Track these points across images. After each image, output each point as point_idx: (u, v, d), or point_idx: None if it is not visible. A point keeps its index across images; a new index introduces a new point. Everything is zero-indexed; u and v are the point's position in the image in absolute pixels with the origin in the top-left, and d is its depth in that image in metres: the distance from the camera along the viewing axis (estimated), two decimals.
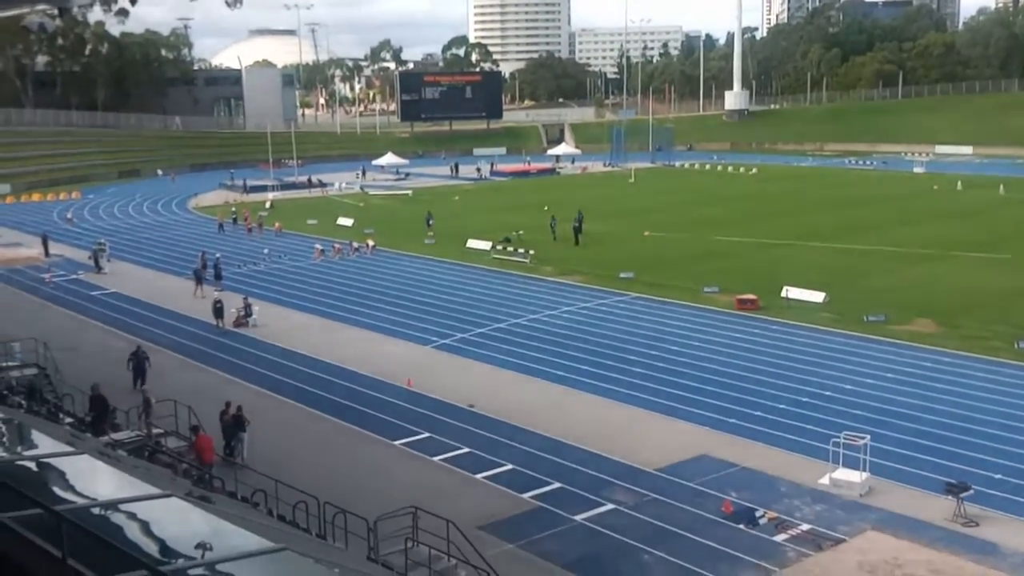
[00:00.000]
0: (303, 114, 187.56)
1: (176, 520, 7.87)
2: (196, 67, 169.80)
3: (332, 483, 22.33)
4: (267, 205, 79.72)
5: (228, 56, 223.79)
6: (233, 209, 73.85)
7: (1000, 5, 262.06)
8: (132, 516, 7.51)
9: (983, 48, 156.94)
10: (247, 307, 40.77)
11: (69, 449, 10.29)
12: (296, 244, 61.40)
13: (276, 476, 20.70)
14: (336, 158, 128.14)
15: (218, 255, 51.58)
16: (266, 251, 57.61)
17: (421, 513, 18.05)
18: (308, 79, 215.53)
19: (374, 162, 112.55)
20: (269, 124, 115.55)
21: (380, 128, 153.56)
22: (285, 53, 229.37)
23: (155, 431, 24.86)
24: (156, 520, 7.53)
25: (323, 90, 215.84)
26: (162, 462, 20.87)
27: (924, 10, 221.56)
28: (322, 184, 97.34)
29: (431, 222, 64.58)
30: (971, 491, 21.49)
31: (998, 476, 23.36)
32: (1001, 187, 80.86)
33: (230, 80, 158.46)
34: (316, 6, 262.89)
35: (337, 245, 57.98)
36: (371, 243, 58.56)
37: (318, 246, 57.37)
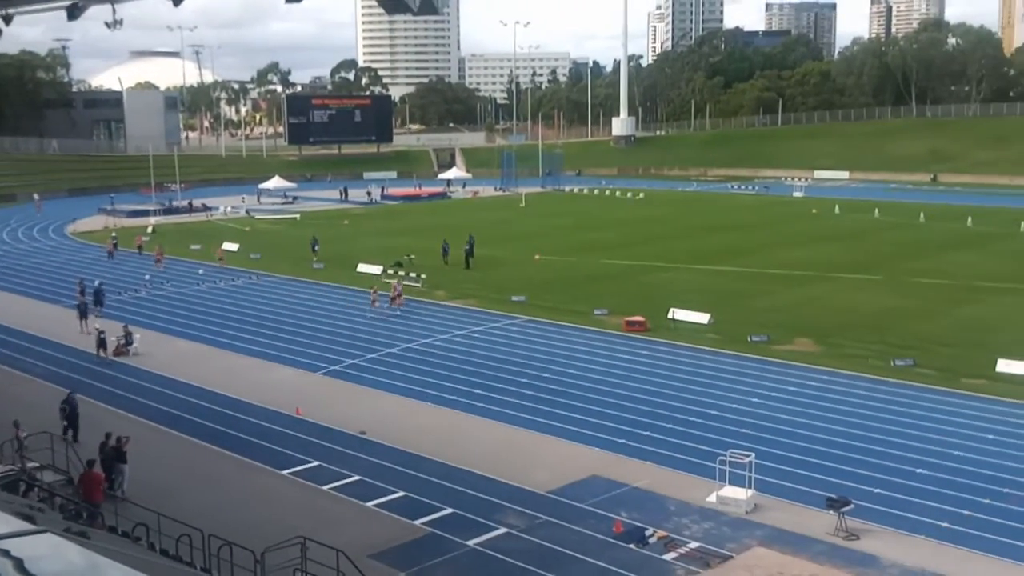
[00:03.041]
0: (187, 137, 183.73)
1: (51, 557, 7.56)
2: (75, 89, 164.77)
3: (218, 515, 21.76)
4: (148, 230, 77.68)
5: (109, 78, 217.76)
6: (113, 234, 71.65)
7: (873, 35, 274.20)
8: (4, 553, 7.17)
9: (857, 77, 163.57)
10: (127, 335, 39.55)
11: None
12: (179, 270, 59.87)
13: (159, 509, 20.07)
14: (221, 182, 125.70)
15: (97, 282, 49.88)
16: (147, 277, 56.10)
17: (310, 543, 17.73)
18: (192, 102, 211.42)
19: (260, 186, 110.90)
20: (151, 147, 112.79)
21: (267, 151, 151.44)
22: (168, 75, 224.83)
23: (30, 465, 23.83)
24: (30, 557, 7.22)
25: (208, 113, 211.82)
26: (37, 497, 20.03)
27: (802, 40, 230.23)
28: (206, 208, 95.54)
29: (316, 247, 63.82)
30: (851, 505, 22.14)
31: (877, 490, 24.14)
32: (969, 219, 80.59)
33: (110, 102, 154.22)
34: (200, 28, 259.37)
35: (394, 291, 47.44)
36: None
37: (373, 292, 47.46)
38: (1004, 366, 34.73)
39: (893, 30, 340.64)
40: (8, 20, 29.43)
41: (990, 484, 24.56)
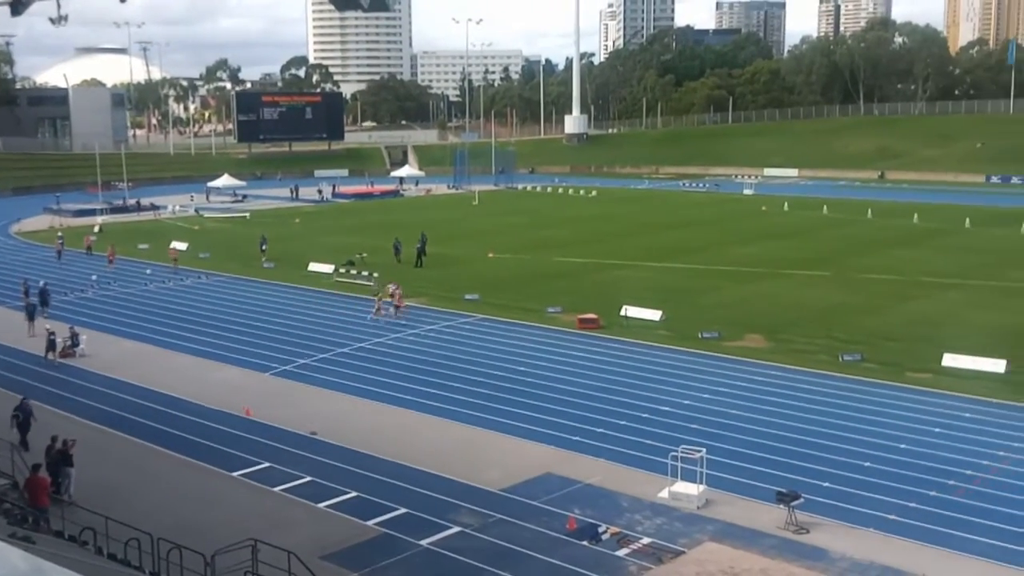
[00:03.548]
0: (134, 135, 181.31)
1: None
2: (19, 86, 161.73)
3: (167, 518, 21.45)
4: (95, 229, 76.49)
5: (54, 75, 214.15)
6: (60, 234, 70.39)
7: (822, 34, 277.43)
8: None
9: (806, 75, 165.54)
10: (73, 336, 38.89)
11: None
12: (127, 269, 59.00)
13: (106, 512, 19.71)
14: (170, 180, 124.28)
15: (42, 282, 48.96)
16: (94, 277, 55.24)
17: (261, 545, 17.54)
18: (140, 99, 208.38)
19: (210, 184, 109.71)
20: (98, 145, 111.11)
21: (216, 149, 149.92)
22: (115, 72, 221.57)
23: None
24: None
25: (156, 110, 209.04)
26: None
27: (752, 38, 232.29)
28: (155, 207, 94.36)
29: (265, 246, 63.13)
30: (801, 499, 22.38)
31: (826, 484, 24.43)
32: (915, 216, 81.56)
33: (56, 99, 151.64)
34: (148, 24, 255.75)
35: (396, 298, 45.15)
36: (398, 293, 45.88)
37: (379, 301, 45.38)
38: (949, 360, 35.31)
39: (841, 29, 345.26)
40: None
41: (936, 476, 24.96)
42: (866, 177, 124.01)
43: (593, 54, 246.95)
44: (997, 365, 34.45)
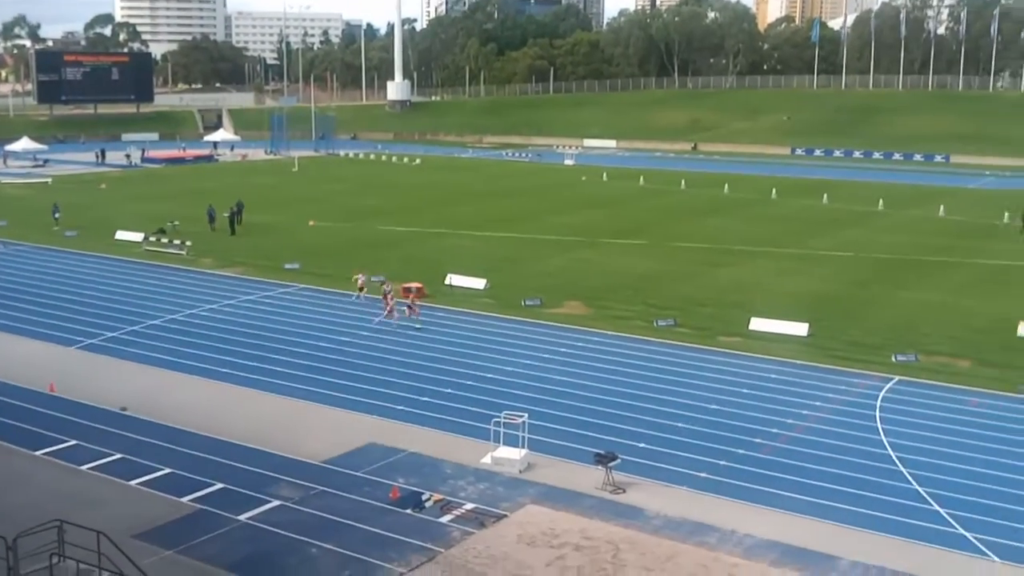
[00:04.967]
0: None
1: None
2: None
3: None
4: None
5: None
6: None
7: (639, 8, 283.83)
8: None
9: (624, 48, 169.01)
10: None
11: None
12: None
13: None
14: None
15: None
16: None
17: (68, 526, 16.66)
18: None
19: (7, 147, 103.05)
20: None
21: (14, 111, 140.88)
22: None
23: None
24: None
25: None
26: None
27: (572, 10, 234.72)
28: None
29: (58, 215, 59.55)
30: (618, 460, 23.02)
31: (642, 445, 25.22)
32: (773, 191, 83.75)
33: None
34: None
35: (412, 298, 39.11)
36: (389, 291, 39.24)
37: (388, 299, 38.54)
38: (756, 324, 37.02)
39: (658, 3, 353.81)
40: None
41: (744, 435, 26.16)
42: (680, 148, 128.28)
43: (416, 20, 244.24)
44: (800, 328, 36.36)
